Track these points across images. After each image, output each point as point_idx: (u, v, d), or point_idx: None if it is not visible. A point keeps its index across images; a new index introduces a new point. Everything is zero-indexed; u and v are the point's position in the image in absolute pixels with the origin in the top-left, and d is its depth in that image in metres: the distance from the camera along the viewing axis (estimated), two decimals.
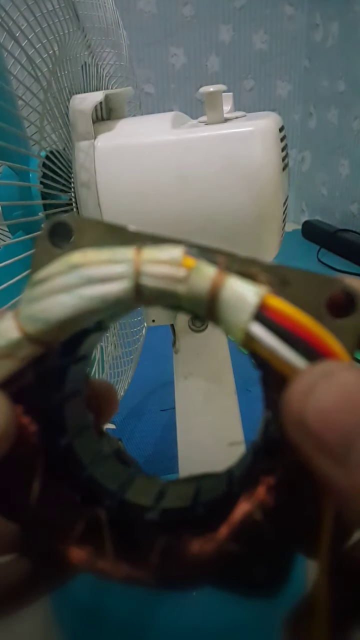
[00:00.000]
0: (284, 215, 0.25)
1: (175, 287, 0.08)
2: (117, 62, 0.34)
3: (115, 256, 0.08)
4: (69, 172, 0.25)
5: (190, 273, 0.08)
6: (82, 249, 0.08)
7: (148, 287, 0.08)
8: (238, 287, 0.08)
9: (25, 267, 0.21)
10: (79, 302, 0.08)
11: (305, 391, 0.07)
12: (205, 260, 0.08)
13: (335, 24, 1.04)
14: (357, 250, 0.95)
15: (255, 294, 0.08)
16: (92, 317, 0.08)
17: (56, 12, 0.25)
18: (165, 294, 0.08)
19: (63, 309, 0.08)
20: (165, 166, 0.23)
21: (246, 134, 0.22)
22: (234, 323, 0.08)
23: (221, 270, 0.08)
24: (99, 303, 0.08)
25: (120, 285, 0.08)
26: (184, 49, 1.08)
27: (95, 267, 0.08)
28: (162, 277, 0.08)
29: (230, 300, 0.07)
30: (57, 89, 0.24)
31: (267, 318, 0.07)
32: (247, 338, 0.08)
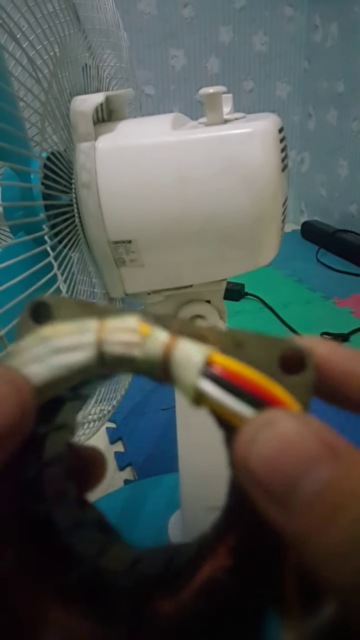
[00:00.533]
0: (283, 215, 0.25)
1: (132, 352, 0.08)
2: (117, 63, 0.34)
3: (80, 327, 0.09)
4: (69, 173, 0.26)
5: (146, 338, 0.08)
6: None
7: (109, 353, 0.08)
8: (187, 349, 0.08)
9: (26, 267, 0.21)
10: (48, 371, 0.08)
11: (250, 439, 0.07)
12: (160, 326, 0.09)
13: (334, 25, 1.04)
14: (355, 250, 0.95)
15: (201, 352, 0.08)
16: (62, 384, 0.09)
17: (57, 13, 0.25)
18: (125, 359, 0.08)
19: (35, 377, 0.08)
20: (166, 167, 0.23)
21: (246, 135, 0.23)
22: (185, 381, 0.08)
23: (173, 335, 0.08)
24: (66, 371, 0.08)
25: (84, 353, 0.08)
26: (184, 51, 1.08)
27: (62, 337, 0.09)
28: (121, 343, 0.08)
29: (180, 361, 0.08)
30: (58, 91, 0.25)
31: (214, 375, 0.08)
32: (197, 395, 0.08)
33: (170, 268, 0.26)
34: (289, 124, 1.20)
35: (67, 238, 0.25)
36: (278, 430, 0.07)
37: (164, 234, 0.24)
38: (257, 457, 0.07)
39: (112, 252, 0.25)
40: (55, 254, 0.24)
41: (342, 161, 1.08)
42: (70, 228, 0.25)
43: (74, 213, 0.25)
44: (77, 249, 0.27)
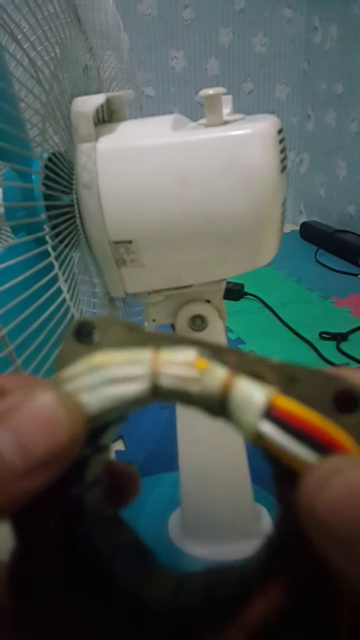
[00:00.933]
0: (282, 216, 0.26)
1: (189, 387, 0.08)
2: (118, 64, 0.34)
3: (134, 357, 0.09)
4: (70, 174, 0.26)
5: (203, 374, 0.08)
6: (103, 347, 0.09)
7: (164, 387, 0.08)
8: (247, 388, 0.08)
9: (27, 267, 0.22)
10: (100, 401, 0.08)
11: (317, 486, 0.07)
12: (217, 361, 0.08)
13: (334, 27, 1.04)
14: (354, 250, 0.95)
15: (264, 394, 0.08)
16: (112, 414, 0.09)
17: (58, 15, 0.25)
18: (180, 393, 0.08)
19: (87, 407, 0.08)
20: (166, 168, 0.23)
21: (245, 136, 0.23)
22: (244, 422, 0.08)
23: (231, 371, 0.08)
24: (119, 402, 0.08)
25: (138, 385, 0.08)
26: (184, 52, 1.08)
27: (115, 367, 0.08)
28: (177, 378, 0.08)
29: (240, 401, 0.08)
30: (59, 92, 0.25)
31: (275, 417, 0.08)
32: (257, 436, 0.08)
33: (170, 268, 0.26)
34: (288, 125, 1.20)
35: (68, 238, 0.25)
36: (346, 477, 0.07)
37: (164, 235, 0.24)
38: (325, 504, 0.07)
39: (113, 252, 0.25)
40: (56, 254, 0.24)
41: (341, 162, 1.09)
42: (71, 228, 0.26)
43: (75, 213, 0.25)
44: (77, 249, 0.27)
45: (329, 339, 0.66)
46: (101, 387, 0.08)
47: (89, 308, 0.31)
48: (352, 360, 0.61)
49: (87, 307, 0.31)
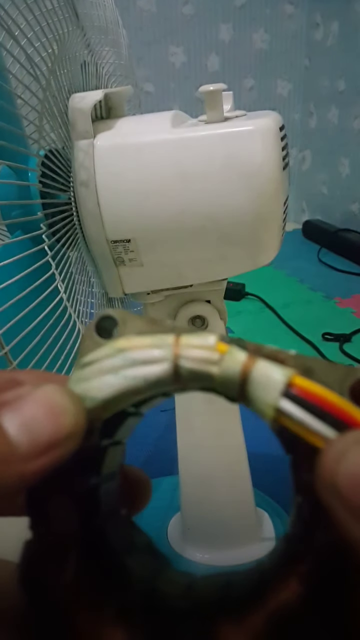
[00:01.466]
0: (284, 214, 0.25)
1: (210, 369, 0.08)
2: (116, 60, 0.34)
3: (157, 341, 0.09)
4: (68, 171, 0.25)
5: (224, 357, 0.08)
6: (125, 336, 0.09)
7: (185, 368, 0.09)
8: (267, 369, 0.08)
9: (24, 267, 0.21)
10: (123, 382, 0.09)
11: (337, 457, 0.07)
12: (237, 346, 0.09)
13: (335, 23, 1.03)
14: (357, 249, 0.95)
15: (283, 374, 0.08)
16: (134, 397, 0.09)
17: (55, 10, 0.25)
18: (201, 375, 0.09)
19: (109, 388, 0.09)
20: (165, 165, 0.23)
21: (246, 133, 0.22)
22: (265, 400, 0.08)
23: (251, 355, 0.09)
24: (142, 383, 0.09)
25: (160, 367, 0.09)
26: (184, 48, 1.08)
27: (138, 350, 0.09)
28: (199, 359, 0.08)
29: (260, 380, 0.08)
30: (56, 88, 0.24)
31: (295, 395, 0.08)
32: (277, 414, 0.08)
33: (169, 267, 0.25)
34: (290, 122, 1.19)
35: (65, 237, 0.25)
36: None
37: (164, 233, 0.24)
38: (345, 474, 0.07)
39: (111, 251, 0.25)
40: (53, 253, 0.23)
41: (344, 159, 1.08)
42: (69, 227, 0.25)
43: (72, 212, 0.25)
44: (75, 248, 0.26)
45: (331, 340, 0.65)
46: (124, 369, 0.09)
47: (86, 308, 0.31)
48: (356, 362, 0.61)
49: (84, 307, 0.31)
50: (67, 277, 0.25)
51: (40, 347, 0.21)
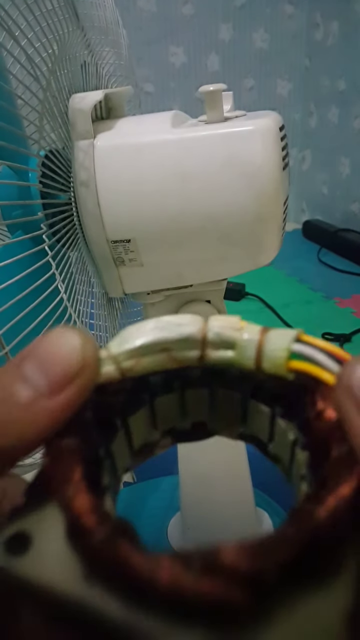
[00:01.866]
0: (284, 214, 0.25)
1: (233, 334, 0.10)
2: (116, 61, 0.34)
3: (189, 316, 0.10)
4: (68, 171, 0.25)
5: (245, 326, 0.10)
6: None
7: (213, 331, 0.10)
8: (281, 330, 0.10)
9: (24, 267, 0.21)
10: (158, 332, 0.10)
11: (353, 368, 0.09)
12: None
13: (335, 23, 1.03)
14: (357, 249, 0.95)
15: (292, 332, 0.10)
16: (168, 356, 0.10)
17: (55, 11, 0.25)
18: (226, 339, 0.10)
19: (145, 335, 0.10)
20: (165, 165, 0.23)
21: (246, 133, 0.22)
22: (280, 346, 0.10)
23: (265, 327, 0.10)
24: (175, 335, 0.10)
25: (192, 327, 0.10)
26: (184, 48, 1.07)
27: (172, 318, 0.10)
28: (224, 326, 0.10)
29: (275, 336, 0.10)
30: (57, 88, 0.24)
31: (305, 341, 0.10)
32: (289, 356, 0.09)
33: (169, 267, 0.25)
34: (290, 121, 1.19)
35: (65, 237, 0.25)
36: None
37: (164, 233, 0.24)
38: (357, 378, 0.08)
39: (111, 252, 0.25)
40: (53, 253, 0.23)
41: (344, 159, 1.08)
42: (69, 227, 0.25)
43: (73, 212, 0.25)
44: (75, 248, 0.26)
45: (331, 340, 0.66)
46: (163, 327, 0.10)
47: (86, 308, 0.31)
48: None
49: (85, 308, 0.31)
50: (68, 277, 0.25)
51: None
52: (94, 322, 0.31)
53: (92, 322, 0.31)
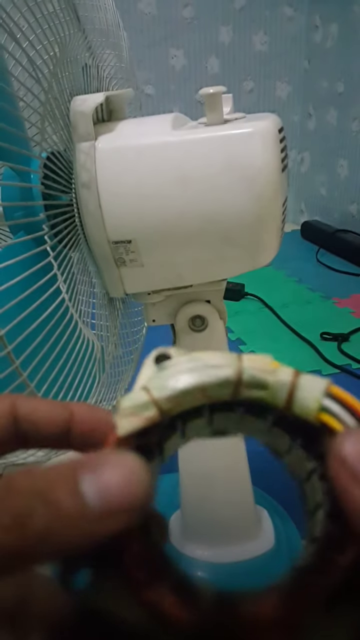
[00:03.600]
0: (283, 215, 0.25)
1: (266, 377, 0.10)
2: (117, 63, 0.34)
3: (225, 354, 0.11)
4: (69, 173, 0.25)
5: (277, 369, 0.11)
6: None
7: (248, 373, 0.10)
8: (311, 377, 0.11)
9: (26, 267, 0.21)
10: (197, 377, 0.10)
11: (346, 438, 0.09)
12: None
13: (334, 26, 1.04)
14: (355, 250, 0.95)
15: (324, 381, 0.11)
16: (203, 394, 0.10)
17: (57, 13, 0.25)
18: (259, 381, 0.10)
19: (186, 381, 0.10)
20: (166, 167, 0.23)
21: (246, 135, 0.23)
22: (310, 398, 0.10)
23: (296, 371, 0.11)
24: (213, 379, 0.10)
25: (228, 370, 0.10)
26: (184, 51, 1.08)
27: (211, 357, 0.11)
28: (258, 368, 0.10)
29: (307, 384, 0.10)
30: (58, 91, 0.25)
31: (334, 395, 0.10)
32: (320, 408, 0.10)
33: (170, 268, 0.26)
34: (289, 124, 1.20)
35: (67, 238, 0.25)
36: None
37: (164, 234, 0.24)
38: (350, 449, 0.09)
39: (112, 252, 0.25)
40: (55, 254, 0.24)
41: (342, 161, 1.08)
42: (70, 228, 0.25)
43: (74, 213, 0.25)
44: (77, 249, 0.27)
45: (330, 339, 0.66)
46: (200, 369, 0.10)
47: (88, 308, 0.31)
48: (353, 361, 0.61)
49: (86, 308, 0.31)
50: (69, 278, 0.25)
51: (43, 347, 0.22)
52: (95, 322, 0.31)
53: (94, 322, 0.31)
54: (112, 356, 0.32)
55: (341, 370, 0.59)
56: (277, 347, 0.66)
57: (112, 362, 0.32)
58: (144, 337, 0.39)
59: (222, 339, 0.30)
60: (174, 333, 0.30)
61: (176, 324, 0.30)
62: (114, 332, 0.33)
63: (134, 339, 0.37)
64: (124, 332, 0.35)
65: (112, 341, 0.32)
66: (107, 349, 0.31)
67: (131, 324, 0.36)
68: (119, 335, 0.34)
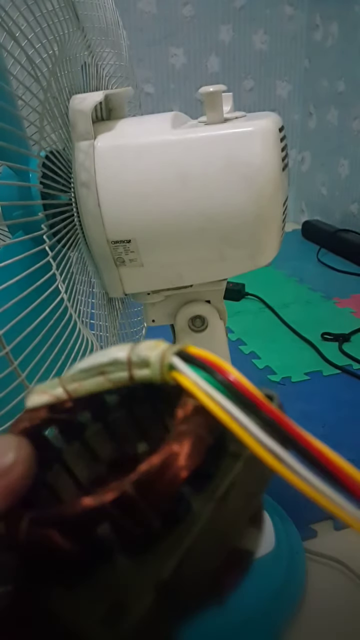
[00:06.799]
0: (284, 215, 0.25)
1: (147, 353, 0.11)
2: (117, 62, 0.34)
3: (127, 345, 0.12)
4: (68, 172, 0.25)
5: (158, 346, 0.11)
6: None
7: (135, 352, 0.11)
8: (174, 347, 0.11)
9: (25, 267, 0.21)
10: (94, 358, 0.11)
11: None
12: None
13: (335, 24, 1.04)
14: (357, 250, 0.95)
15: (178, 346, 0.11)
16: (105, 378, 0.11)
17: (56, 12, 0.25)
18: (142, 359, 0.11)
19: (86, 362, 0.11)
20: (165, 166, 0.23)
21: (246, 134, 0.22)
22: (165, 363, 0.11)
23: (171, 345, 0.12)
24: (105, 358, 0.11)
25: (120, 352, 0.11)
26: (184, 49, 1.08)
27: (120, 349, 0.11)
28: (143, 348, 0.11)
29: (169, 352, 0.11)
30: (57, 89, 0.24)
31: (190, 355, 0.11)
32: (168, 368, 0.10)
33: (170, 268, 0.25)
34: (290, 123, 1.20)
35: (66, 237, 0.25)
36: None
37: (164, 234, 0.24)
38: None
39: (112, 252, 0.25)
40: (54, 254, 0.23)
41: (343, 160, 1.08)
42: (69, 227, 0.25)
43: (73, 212, 0.25)
44: (76, 249, 0.27)
45: (331, 339, 0.66)
46: (104, 354, 0.11)
47: (87, 308, 0.31)
48: (354, 362, 0.61)
49: (85, 308, 0.31)
50: (68, 278, 0.25)
51: (41, 347, 0.22)
52: (94, 322, 0.31)
53: (93, 322, 0.31)
54: None
55: (342, 371, 0.59)
56: (278, 348, 0.66)
57: None
58: (143, 337, 0.39)
59: (222, 339, 0.30)
60: (174, 333, 0.30)
61: (176, 324, 0.29)
62: (114, 332, 0.32)
63: (133, 339, 0.37)
64: (124, 333, 0.35)
65: (111, 341, 0.32)
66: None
67: (130, 324, 0.36)
68: (118, 335, 0.34)
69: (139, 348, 0.11)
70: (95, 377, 0.11)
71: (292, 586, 0.33)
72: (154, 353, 0.11)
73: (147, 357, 0.11)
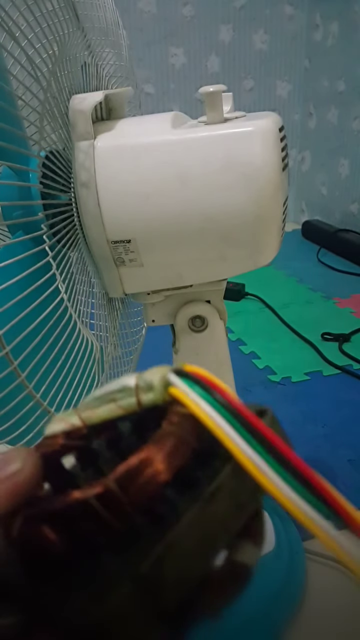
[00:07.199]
0: (284, 215, 0.25)
1: (152, 377, 0.11)
2: (116, 62, 0.34)
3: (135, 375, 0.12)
4: (68, 172, 0.25)
5: (162, 370, 0.11)
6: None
7: (141, 378, 0.11)
8: (173, 368, 0.11)
9: (25, 267, 0.21)
10: (106, 387, 0.12)
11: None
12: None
13: (335, 24, 1.04)
14: (357, 250, 0.95)
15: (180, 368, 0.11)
16: (117, 405, 0.11)
17: (56, 12, 0.25)
18: (148, 383, 0.11)
19: (98, 391, 0.12)
20: (165, 166, 0.23)
21: (246, 134, 0.22)
22: (163, 383, 0.11)
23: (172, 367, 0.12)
24: (115, 386, 0.12)
25: (129, 379, 0.11)
26: (184, 49, 1.08)
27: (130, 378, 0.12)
28: (149, 373, 0.11)
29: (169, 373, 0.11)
30: (57, 89, 0.24)
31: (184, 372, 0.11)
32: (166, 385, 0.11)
33: (170, 268, 0.25)
34: (290, 122, 1.20)
35: (65, 237, 0.25)
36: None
37: (164, 234, 0.24)
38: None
39: (111, 252, 0.25)
40: (54, 254, 0.23)
41: (343, 160, 1.08)
42: (69, 227, 0.25)
43: (73, 212, 0.25)
44: (76, 249, 0.27)
45: (331, 339, 0.66)
46: (116, 382, 0.12)
47: (87, 308, 0.31)
48: (354, 361, 0.61)
49: (85, 308, 0.31)
50: (68, 278, 0.25)
51: (41, 347, 0.22)
52: (94, 322, 0.31)
53: (93, 322, 0.31)
54: (111, 357, 0.31)
55: (342, 371, 0.59)
56: (278, 348, 0.66)
57: (112, 362, 0.32)
58: (143, 337, 0.39)
59: (222, 339, 0.30)
60: (174, 333, 0.30)
61: (176, 324, 0.29)
62: (113, 332, 0.32)
63: (133, 339, 0.37)
64: (124, 333, 0.35)
65: (111, 342, 0.32)
66: (106, 349, 0.31)
67: (130, 324, 0.36)
68: (118, 335, 0.34)
69: (145, 374, 0.11)
70: (107, 404, 0.11)
71: (292, 586, 0.33)
72: (156, 376, 0.11)
73: (151, 380, 0.11)
